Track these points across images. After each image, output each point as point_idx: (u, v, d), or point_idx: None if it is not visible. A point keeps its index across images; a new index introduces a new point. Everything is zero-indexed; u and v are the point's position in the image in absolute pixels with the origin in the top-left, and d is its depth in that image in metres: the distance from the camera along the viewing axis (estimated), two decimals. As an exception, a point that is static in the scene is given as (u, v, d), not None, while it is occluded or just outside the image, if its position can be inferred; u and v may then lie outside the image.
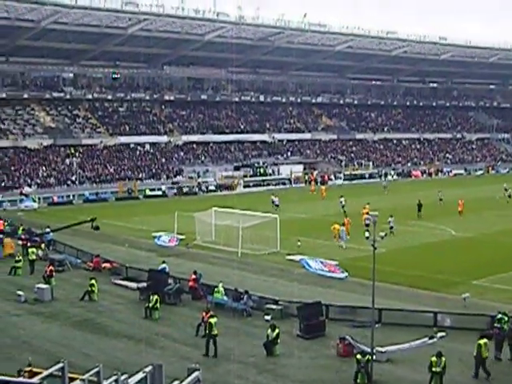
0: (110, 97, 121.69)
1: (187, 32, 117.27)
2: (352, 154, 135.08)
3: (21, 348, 30.41)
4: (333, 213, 71.30)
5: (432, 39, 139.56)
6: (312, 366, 28.28)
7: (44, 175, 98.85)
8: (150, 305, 35.37)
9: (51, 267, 43.43)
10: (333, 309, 34.42)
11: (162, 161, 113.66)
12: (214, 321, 29.98)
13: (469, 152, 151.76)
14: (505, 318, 29.70)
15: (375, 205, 66.28)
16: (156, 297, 35.47)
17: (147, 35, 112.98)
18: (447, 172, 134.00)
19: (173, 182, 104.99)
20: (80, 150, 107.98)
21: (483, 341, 26.92)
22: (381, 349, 28.29)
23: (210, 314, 30.72)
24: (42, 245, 53.83)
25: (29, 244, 51.92)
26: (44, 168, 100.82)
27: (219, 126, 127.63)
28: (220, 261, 49.73)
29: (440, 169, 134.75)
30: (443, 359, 25.28)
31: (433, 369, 25.28)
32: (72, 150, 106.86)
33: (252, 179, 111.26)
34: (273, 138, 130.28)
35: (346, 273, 43.36)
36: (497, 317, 30.01)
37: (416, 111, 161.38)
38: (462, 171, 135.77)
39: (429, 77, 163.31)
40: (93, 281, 39.53)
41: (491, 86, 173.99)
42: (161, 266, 43.11)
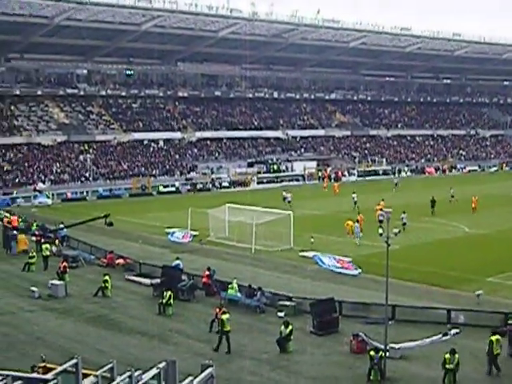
0: (124, 93, 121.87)
1: (201, 28, 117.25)
2: (365, 151, 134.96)
3: (35, 344, 30.54)
4: (346, 209, 71.31)
5: (446, 35, 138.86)
6: (325, 363, 28.29)
7: (58, 171, 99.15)
8: (164, 301, 35.42)
9: (65, 263, 43.60)
10: (346, 305, 34.38)
11: (176, 157, 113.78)
12: (226, 317, 30.00)
13: (483, 149, 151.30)
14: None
15: (388, 201, 66.01)
16: (170, 293, 35.51)
17: (161, 32, 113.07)
18: (461, 169, 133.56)
19: (186, 179, 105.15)
20: (94, 147, 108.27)
21: (495, 337, 26.86)
22: (394, 345, 28.25)
23: (223, 311, 30.73)
24: (56, 241, 53.99)
25: (43, 240, 52.01)
26: (58, 164, 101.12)
27: (233, 123, 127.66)
28: (233, 257, 49.81)
29: (454, 165, 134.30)
30: (457, 356, 25.25)
31: (446, 366, 25.25)
32: (86, 147, 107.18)
33: (265, 176, 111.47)
34: (286, 135, 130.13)
35: (360, 269, 43.23)
36: (510, 314, 29.95)
37: (430, 107, 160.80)
38: (476, 168, 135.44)
39: (442, 73, 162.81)
40: (106, 277, 39.65)
41: (505, 83, 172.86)
42: (175, 262, 43.12)
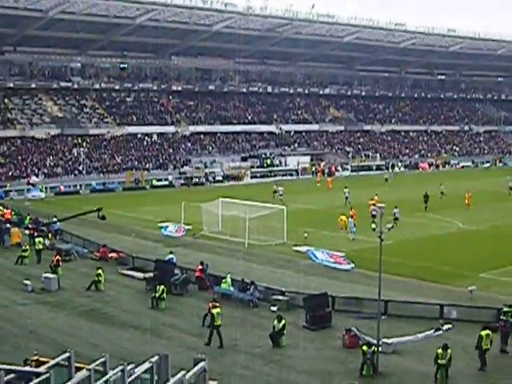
0: (118, 87, 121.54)
1: (195, 22, 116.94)
2: (359, 146, 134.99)
3: (27, 337, 30.53)
4: (339, 204, 71.42)
5: (440, 31, 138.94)
6: (318, 357, 28.35)
7: (51, 165, 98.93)
8: (157, 295, 35.43)
9: (58, 257, 43.54)
10: (339, 300, 34.49)
11: (170, 151, 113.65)
12: (217, 311, 30.00)
13: (476, 144, 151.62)
14: (511, 311, 29.68)
15: (381, 197, 66.00)
16: (162, 287, 35.53)
17: (155, 25, 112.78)
18: (454, 164, 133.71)
19: (180, 173, 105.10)
20: (87, 140, 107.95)
21: (485, 332, 26.93)
22: (387, 340, 28.32)
23: (214, 305, 30.66)
24: (49, 234, 53.93)
25: (36, 233, 51.92)
26: (51, 158, 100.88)
27: (227, 117, 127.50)
28: (226, 251, 49.79)
29: (447, 161, 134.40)
30: (449, 351, 25.32)
31: (438, 361, 25.33)
32: (79, 140, 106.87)
33: (259, 170, 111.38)
34: (280, 129, 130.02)
35: (353, 264, 43.38)
36: (503, 309, 30.01)
37: (424, 103, 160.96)
38: (470, 163, 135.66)
39: (437, 69, 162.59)
40: (99, 270, 39.63)
41: (499, 79, 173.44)
42: (168, 257, 43.12)
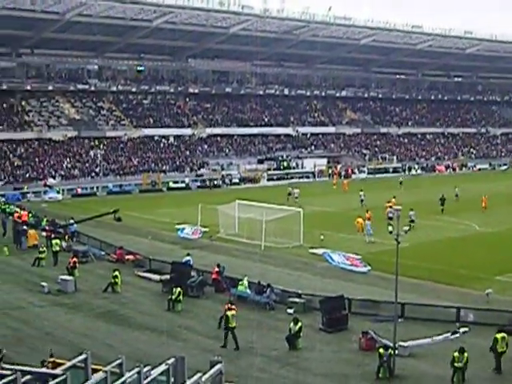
0: (135, 89, 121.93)
1: (212, 25, 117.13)
2: (376, 148, 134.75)
3: (44, 339, 30.63)
4: (355, 206, 71.31)
5: (457, 33, 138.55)
6: (334, 360, 28.30)
7: (68, 167, 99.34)
8: (173, 297, 35.46)
9: (75, 259, 43.71)
10: (355, 303, 34.38)
11: (186, 153, 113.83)
12: (232, 313, 29.94)
13: (493, 147, 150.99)
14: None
15: (398, 199, 65.96)
16: (179, 289, 35.55)
17: (172, 28, 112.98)
18: (471, 167, 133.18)
19: (197, 175, 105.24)
20: (104, 142, 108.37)
21: (500, 335, 26.78)
22: (403, 343, 28.23)
23: (228, 307, 30.67)
24: (66, 236, 54.25)
25: (53, 235, 52.04)
26: (68, 160, 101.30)
27: (243, 119, 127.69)
28: (243, 254, 49.76)
29: (464, 163, 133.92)
30: (465, 355, 25.18)
31: (455, 364, 25.20)
32: (96, 142, 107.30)
33: (276, 172, 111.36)
34: (297, 132, 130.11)
35: (369, 267, 43.31)
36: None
37: (440, 105, 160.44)
38: (487, 166, 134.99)
39: (454, 71, 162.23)
40: (116, 272, 39.71)
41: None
42: (185, 259, 43.05)
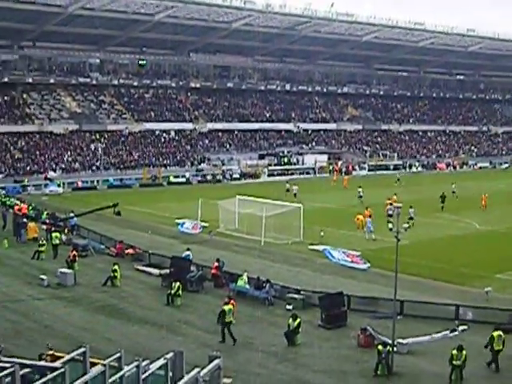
0: (136, 83, 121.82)
1: (214, 20, 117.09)
2: (377, 145, 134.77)
3: (43, 332, 30.59)
4: (355, 203, 71.37)
5: (460, 31, 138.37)
6: (333, 356, 28.29)
7: (69, 160, 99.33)
8: (172, 291, 35.45)
9: (74, 252, 43.68)
10: (354, 299, 34.39)
11: (187, 148, 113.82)
12: (228, 308, 29.87)
13: (494, 145, 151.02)
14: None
15: (398, 196, 65.92)
16: (178, 284, 35.54)
17: (174, 22, 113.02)
18: (472, 165, 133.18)
19: (197, 170, 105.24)
20: (105, 136, 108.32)
21: (497, 333, 26.78)
22: (402, 341, 28.23)
23: (225, 302, 30.66)
24: (66, 229, 54.26)
25: (53, 228, 52.04)
26: (69, 153, 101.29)
27: (244, 115, 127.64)
28: (243, 249, 49.80)
29: (465, 161, 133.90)
30: (464, 353, 25.17)
31: (453, 362, 25.19)
32: (97, 136, 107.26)
33: (276, 168, 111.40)
34: (298, 128, 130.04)
35: (369, 264, 43.30)
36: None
37: (442, 103, 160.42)
38: (488, 164, 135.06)
39: (456, 69, 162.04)
40: (116, 266, 39.68)
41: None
42: (185, 253, 43.08)
